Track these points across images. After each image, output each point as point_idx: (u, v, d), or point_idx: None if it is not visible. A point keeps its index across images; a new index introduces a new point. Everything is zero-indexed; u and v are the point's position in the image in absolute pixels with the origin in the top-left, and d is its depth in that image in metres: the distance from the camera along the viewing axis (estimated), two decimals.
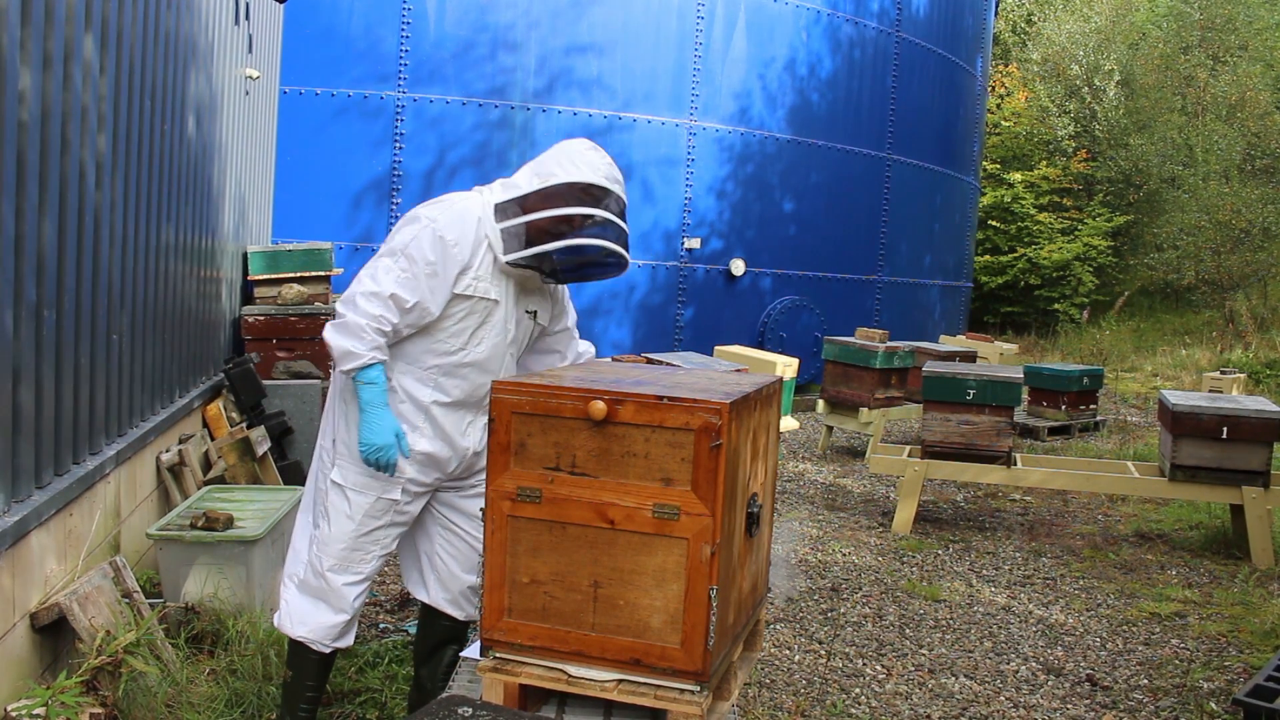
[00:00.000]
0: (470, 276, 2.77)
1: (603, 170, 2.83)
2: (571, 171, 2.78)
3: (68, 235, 3.22)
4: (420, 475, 2.84)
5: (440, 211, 2.76)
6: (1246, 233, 17.68)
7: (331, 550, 2.80)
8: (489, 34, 10.09)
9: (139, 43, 4.01)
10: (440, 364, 2.82)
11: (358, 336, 2.68)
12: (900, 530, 6.05)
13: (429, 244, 2.71)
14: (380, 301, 2.68)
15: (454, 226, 2.74)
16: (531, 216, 2.75)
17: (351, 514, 2.80)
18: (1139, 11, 24.37)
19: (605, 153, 2.89)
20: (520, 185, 2.83)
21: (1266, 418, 5.47)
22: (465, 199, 2.84)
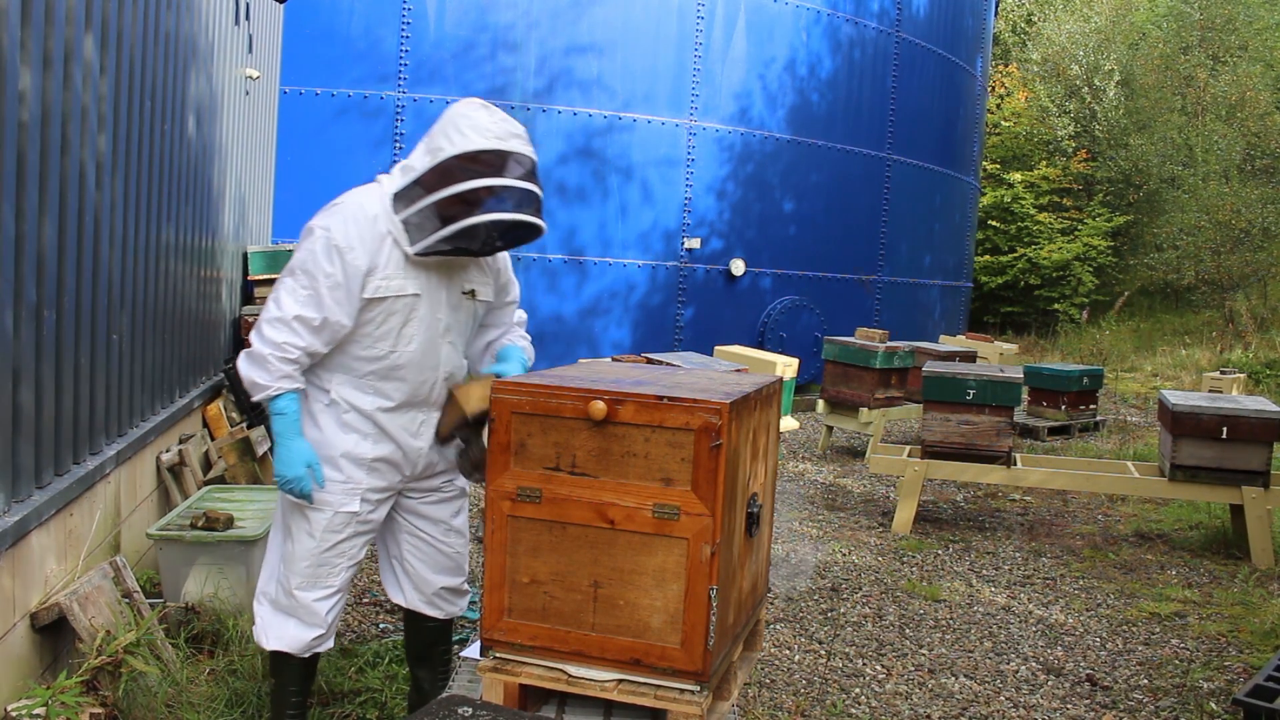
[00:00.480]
0: (378, 278, 2.63)
1: (493, 131, 2.58)
2: (458, 141, 2.55)
3: (68, 235, 3.23)
4: (378, 481, 2.77)
5: (332, 218, 2.61)
6: (1246, 233, 17.68)
7: (297, 568, 2.73)
8: (489, 34, 10.09)
9: (139, 43, 4.01)
10: (375, 369, 2.72)
11: (262, 367, 2.60)
12: (900, 530, 6.05)
13: (324, 256, 2.58)
14: (284, 327, 2.59)
15: (347, 232, 2.59)
16: (429, 200, 2.57)
17: (312, 531, 2.72)
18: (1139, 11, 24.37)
19: (497, 109, 2.65)
20: (415, 166, 2.63)
21: (1266, 418, 5.47)
22: (360, 195, 2.67)
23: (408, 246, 2.61)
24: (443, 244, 2.59)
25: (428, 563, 2.94)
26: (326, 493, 2.70)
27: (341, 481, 2.72)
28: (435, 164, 2.57)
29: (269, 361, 2.59)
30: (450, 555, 2.97)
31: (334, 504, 2.71)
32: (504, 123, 2.61)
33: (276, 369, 2.60)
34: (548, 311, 10.21)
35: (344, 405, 2.72)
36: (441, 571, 2.95)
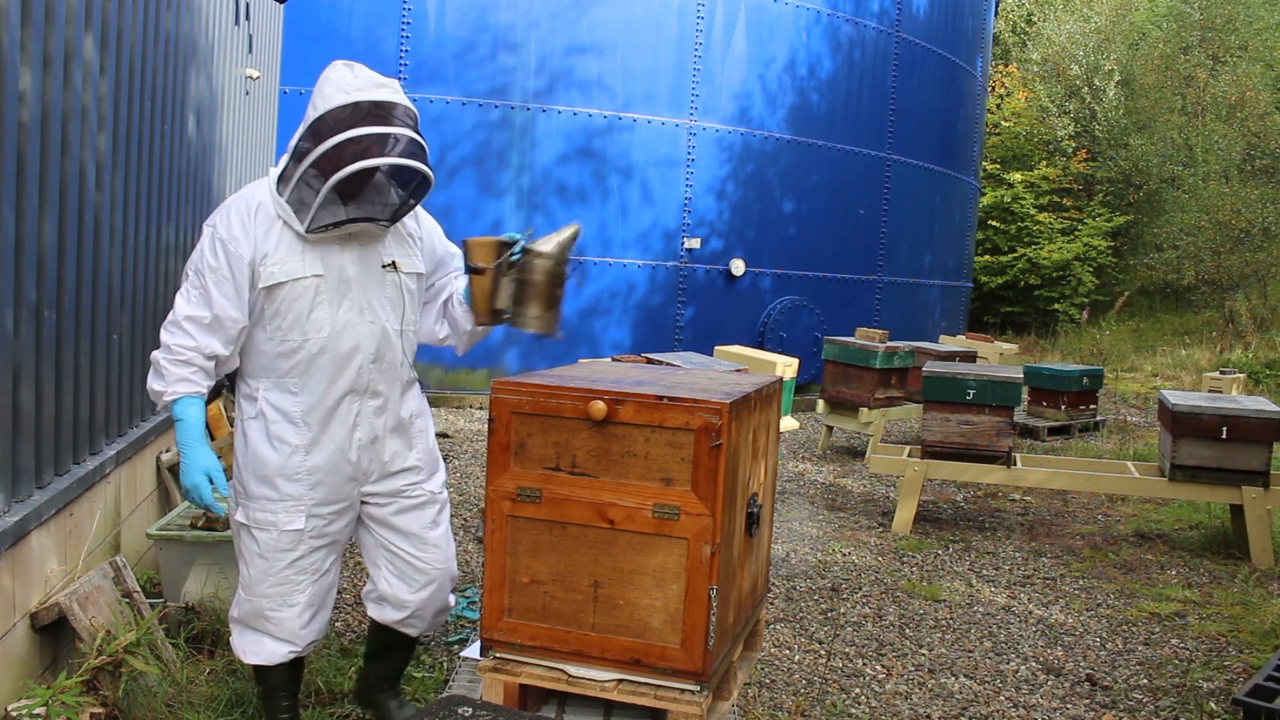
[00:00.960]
0: (270, 264, 2.53)
1: (352, 84, 2.47)
2: (320, 103, 2.46)
3: (68, 235, 3.23)
4: (323, 494, 2.63)
5: (217, 214, 2.58)
6: (1246, 233, 17.68)
7: (259, 589, 2.65)
8: (489, 34, 10.09)
9: (139, 43, 4.01)
10: (294, 363, 2.59)
11: (158, 373, 2.54)
12: (900, 530, 6.05)
13: (210, 251, 2.53)
14: (176, 329, 2.54)
15: (230, 222, 2.53)
16: (302, 169, 2.45)
17: (262, 552, 2.63)
18: (1139, 11, 24.37)
19: (363, 67, 2.54)
20: (290, 143, 2.55)
21: (1266, 418, 5.47)
22: (246, 189, 2.62)
23: (298, 226, 2.50)
24: (328, 213, 2.48)
25: (404, 579, 2.79)
26: (267, 511, 2.60)
27: (278, 500, 2.61)
28: (303, 133, 2.47)
29: (162, 366, 2.53)
30: (427, 571, 2.80)
31: (277, 523, 2.61)
32: (365, 74, 2.50)
33: (171, 373, 2.52)
34: None
35: (271, 413, 2.61)
36: (419, 589, 2.80)
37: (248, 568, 2.67)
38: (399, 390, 2.75)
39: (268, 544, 2.62)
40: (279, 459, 2.59)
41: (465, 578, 4.74)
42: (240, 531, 2.68)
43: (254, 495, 2.62)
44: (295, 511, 2.61)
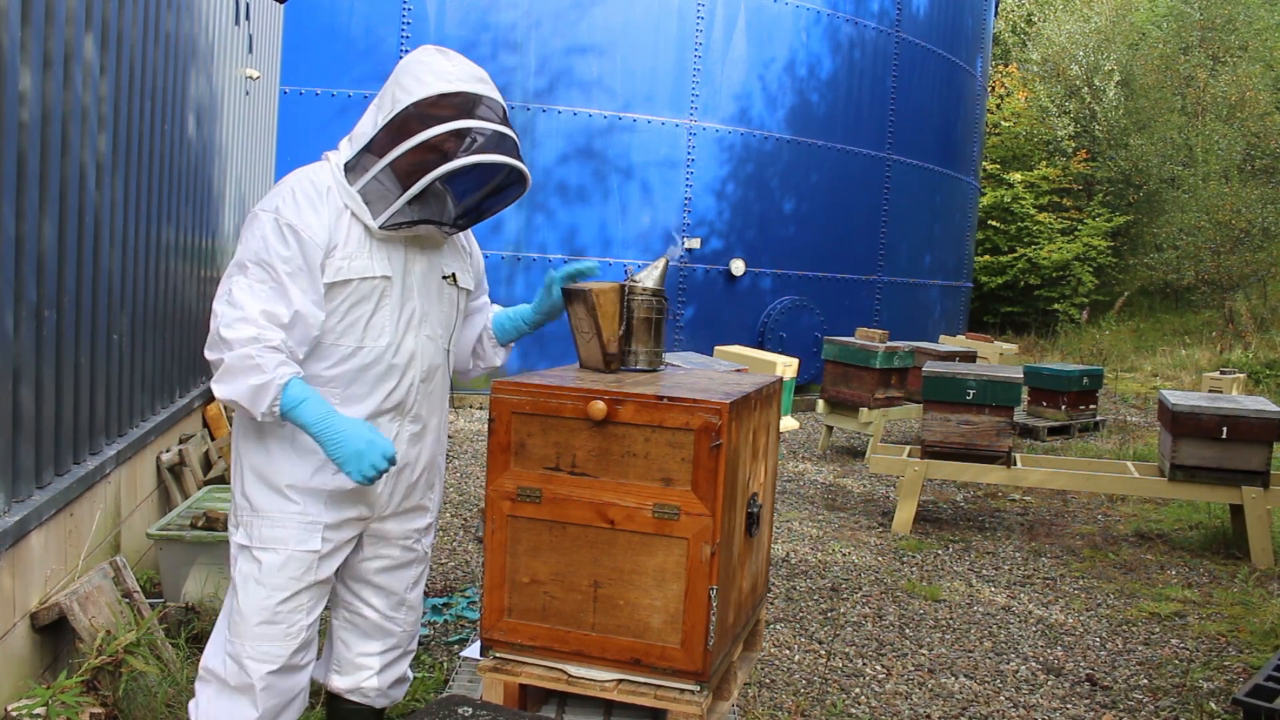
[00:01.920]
0: (339, 257, 2.25)
1: (457, 74, 2.24)
2: (415, 89, 2.21)
3: (68, 236, 3.23)
4: (338, 514, 2.34)
5: (279, 199, 2.25)
6: (1246, 233, 17.69)
7: (246, 628, 2.27)
8: (490, 34, 10.09)
9: (139, 43, 4.01)
10: (340, 371, 2.30)
11: (253, 368, 2.13)
12: (900, 530, 6.05)
13: (277, 239, 2.20)
14: (251, 324, 2.15)
15: (298, 208, 2.23)
16: (386, 160, 2.20)
17: (262, 578, 2.27)
18: (1139, 11, 24.38)
19: (456, 54, 2.31)
20: (366, 131, 2.28)
21: (1266, 418, 5.47)
22: (306, 172, 2.31)
23: (370, 220, 2.25)
24: (408, 211, 2.25)
25: (367, 638, 2.52)
26: (278, 526, 2.28)
27: (295, 514, 2.29)
28: (389, 120, 2.21)
29: (254, 357, 2.13)
30: (398, 635, 2.56)
31: (288, 541, 2.27)
32: (466, 64, 2.28)
33: (268, 360, 2.14)
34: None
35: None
36: (384, 652, 2.54)
37: (240, 600, 2.29)
38: (437, 418, 2.52)
39: (272, 567, 2.28)
40: (305, 471, 2.29)
41: (465, 578, 4.74)
42: (239, 556, 2.33)
43: (262, 509, 2.29)
44: (311, 530, 2.30)
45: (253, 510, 2.31)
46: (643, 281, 2.64)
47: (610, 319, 2.59)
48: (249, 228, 2.25)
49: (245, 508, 2.32)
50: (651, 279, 2.65)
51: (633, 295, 2.62)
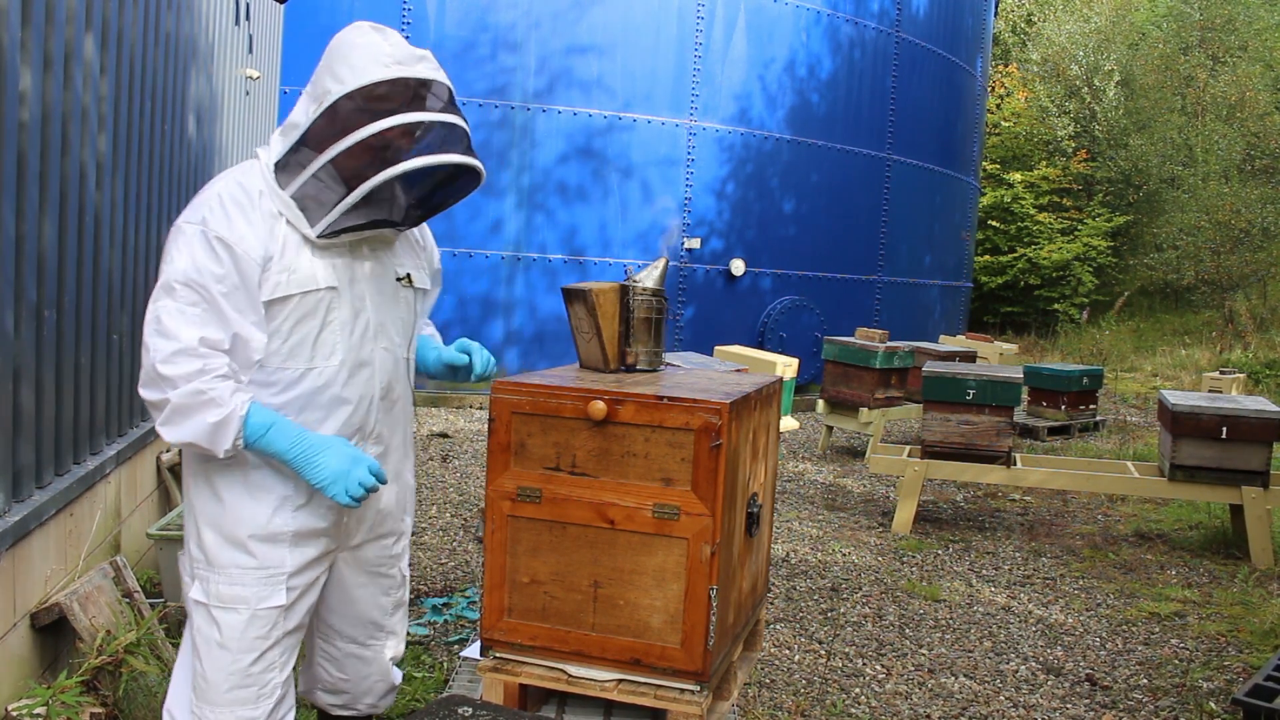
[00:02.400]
0: (276, 270, 1.99)
1: (397, 55, 2.00)
2: (349, 76, 1.96)
3: (68, 235, 3.23)
4: (304, 556, 2.12)
5: (204, 208, 1.98)
6: (1246, 233, 17.70)
7: (215, 694, 2.05)
8: (490, 34, 10.09)
9: (139, 43, 4.01)
10: (289, 398, 2.06)
11: (206, 403, 1.92)
12: (900, 530, 6.05)
13: (207, 256, 1.94)
14: (192, 354, 1.92)
15: (228, 219, 1.96)
16: (323, 159, 1.95)
17: (225, 641, 2.04)
18: (1139, 12, 24.39)
19: (393, 31, 2.07)
20: (298, 123, 2.02)
21: (1266, 418, 5.47)
22: (234, 175, 2.05)
23: (307, 228, 2.00)
24: (352, 216, 1.99)
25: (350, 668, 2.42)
26: (237, 584, 2.05)
27: (255, 568, 2.06)
28: (323, 111, 1.96)
29: (203, 394, 1.91)
30: (383, 664, 2.45)
31: (249, 599, 2.05)
32: (400, 42, 2.04)
33: (219, 391, 1.92)
34: (548, 311, 10.21)
35: (252, 459, 2.05)
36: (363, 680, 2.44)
37: (203, 663, 2.06)
38: (400, 434, 2.33)
39: (233, 629, 2.04)
40: (261, 515, 2.05)
41: (465, 578, 4.75)
42: (195, 613, 2.08)
43: (219, 564, 2.05)
44: (273, 584, 2.06)
45: (208, 565, 2.07)
46: (642, 281, 2.64)
47: (610, 319, 2.59)
48: (173, 243, 1.97)
49: (200, 561, 2.08)
50: (651, 279, 2.65)
51: (633, 295, 2.62)
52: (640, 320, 2.62)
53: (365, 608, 2.38)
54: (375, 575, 2.37)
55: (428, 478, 6.83)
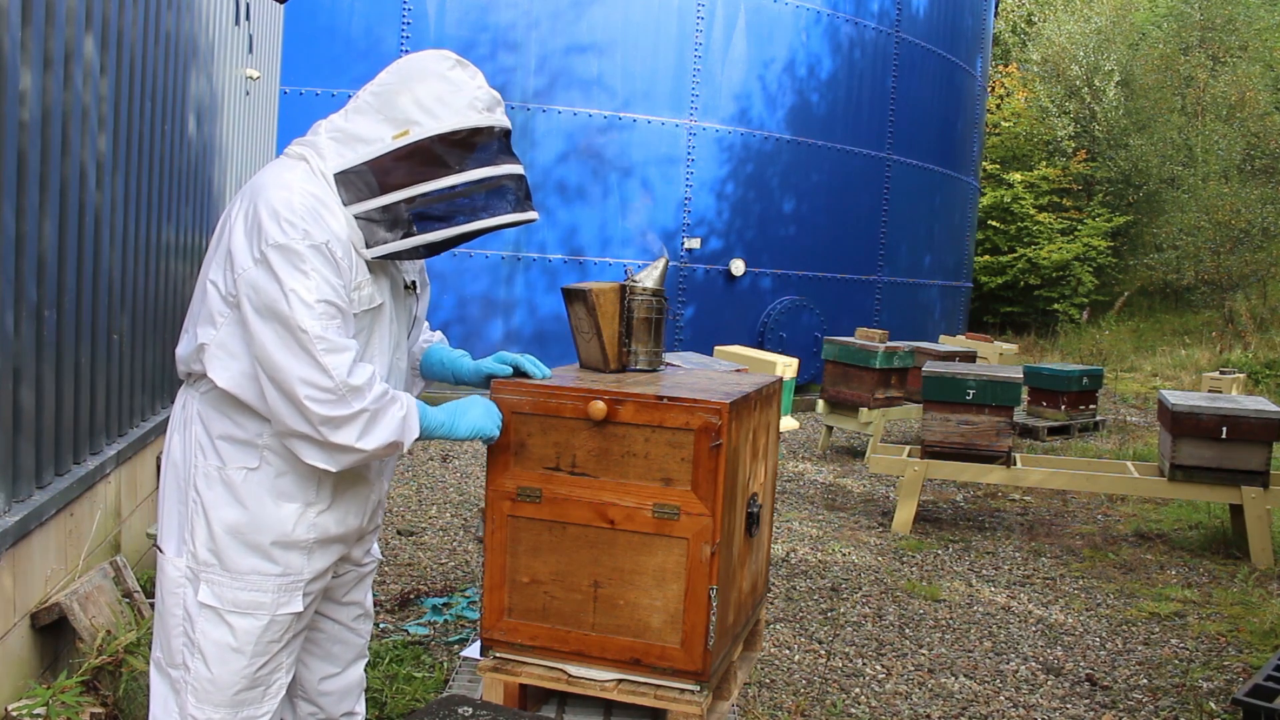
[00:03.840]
0: (351, 287, 2.00)
1: (484, 99, 2.01)
2: (441, 114, 1.96)
3: (68, 235, 3.23)
4: (321, 563, 2.11)
5: (299, 220, 1.90)
6: (1246, 233, 17.71)
7: (222, 697, 2.02)
8: (489, 34, 10.09)
9: (139, 43, 4.01)
10: None
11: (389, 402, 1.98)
12: (900, 530, 6.05)
13: (326, 267, 1.92)
14: (362, 363, 1.98)
15: (326, 229, 1.93)
16: (397, 197, 1.96)
17: (239, 645, 2.01)
18: (1139, 12, 24.40)
19: (471, 64, 2.06)
20: (364, 136, 1.99)
21: (1266, 418, 5.48)
22: (299, 182, 1.95)
23: (364, 248, 1.99)
24: (419, 250, 2.01)
25: (327, 658, 2.34)
26: (256, 590, 2.02)
27: (276, 575, 2.03)
28: (405, 144, 1.95)
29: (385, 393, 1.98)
30: (356, 645, 2.39)
31: (268, 605, 2.03)
32: (483, 83, 2.04)
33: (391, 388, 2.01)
34: (548, 311, 10.21)
35: (279, 464, 2.02)
36: (349, 665, 2.38)
37: (210, 666, 2.02)
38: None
39: (249, 634, 2.02)
40: (286, 522, 2.03)
41: (465, 578, 4.75)
42: (201, 617, 2.02)
43: (237, 570, 2.01)
44: (292, 591, 2.05)
45: (224, 570, 2.02)
46: (642, 281, 2.64)
47: (610, 319, 2.59)
48: (285, 263, 1.88)
49: (213, 565, 2.02)
50: (651, 279, 2.65)
51: (632, 295, 2.62)
52: (640, 320, 2.62)
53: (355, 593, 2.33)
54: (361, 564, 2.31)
55: (428, 478, 6.83)
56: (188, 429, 2.05)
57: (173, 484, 2.07)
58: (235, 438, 2.01)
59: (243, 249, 1.91)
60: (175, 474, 2.07)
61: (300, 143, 2.05)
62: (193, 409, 2.05)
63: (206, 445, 2.03)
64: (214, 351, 1.97)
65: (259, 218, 1.90)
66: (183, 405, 2.09)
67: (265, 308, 1.88)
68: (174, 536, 2.06)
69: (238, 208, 1.97)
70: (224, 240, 1.97)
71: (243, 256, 1.90)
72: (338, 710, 2.37)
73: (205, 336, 1.98)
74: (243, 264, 1.90)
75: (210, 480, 2.02)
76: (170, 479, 2.09)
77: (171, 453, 2.09)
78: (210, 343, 1.97)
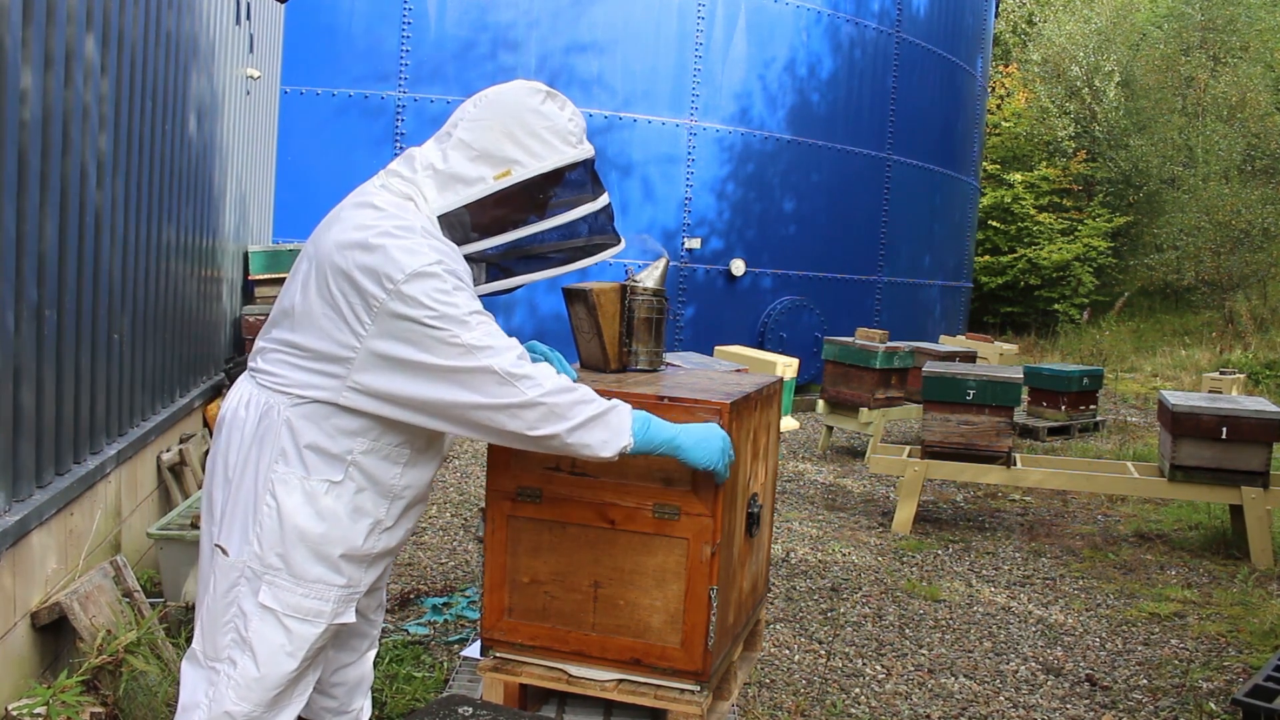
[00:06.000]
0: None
1: (574, 133, 2.06)
2: (541, 152, 2.00)
3: (69, 235, 3.23)
4: (376, 573, 2.16)
5: (424, 249, 1.91)
6: (1246, 233, 17.71)
7: (265, 695, 2.04)
8: (489, 33, 10.10)
9: (140, 43, 4.01)
10: (420, 433, 2.10)
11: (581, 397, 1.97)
12: (900, 530, 6.06)
13: (466, 294, 1.94)
14: (546, 374, 1.96)
15: (453, 258, 1.98)
16: (508, 239, 2.04)
17: (293, 650, 2.03)
18: (1139, 12, 24.40)
19: (559, 94, 2.09)
20: (464, 177, 2.01)
21: (1266, 418, 5.48)
22: (410, 218, 1.97)
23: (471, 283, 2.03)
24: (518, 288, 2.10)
25: (345, 649, 2.36)
26: (318, 599, 2.05)
27: (341, 586, 2.06)
28: (507, 186, 1.99)
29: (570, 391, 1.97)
30: (372, 637, 2.42)
31: (327, 615, 2.06)
32: (573, 111, 2.08)
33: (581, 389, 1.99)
34: (548, 310, 10.21)
35: (362, 481, 2.04)
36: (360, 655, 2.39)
37: (255, 664, 2.03)
38: None
39: (305, 639, 2.04)
40: (358, 536, 2.05)
41: (465, 577, 4.75)
42: (256, 615, 2.02)
43: (305, 577, 2.03)
44: (351, 601, 2.09)
45: (291, 575, 2.03)
46: (643, 281, 2.64)
47: (611, 319, 2.59)
48: (428, 285, 1.88)
49: (279, 569, 2.02)
50: (652, 279, 2.65)
51: (633, 295, 2.62)
52: (641, 320, 2.62)
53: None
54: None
55: None
56: (269, 433, 2.01)
57: (244, 484, 2.03)
58: (325, 450, 2.00)
59: (376, 281, 1.88)
60: (245, 474, 2.03)
61: (401, 176, 2.03)
62: (280, 414, 2.01)
63: (291, 453, 2.00)
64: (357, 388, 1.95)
65: (389, 250, 1.87)
66: (261, 410, 2.03)
67: (415, 334, 1.88)
68: (237, 536, 2.04)
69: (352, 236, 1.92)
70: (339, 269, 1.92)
71: (376, 289, 1.88)
72: (350, 700, 2.39)
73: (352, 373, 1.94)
74: (377, 296, 1.88)
75: (290, 488, 2.01)
76: (235, 478, 2.05)
77: (240, 451, 2.04)
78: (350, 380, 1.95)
